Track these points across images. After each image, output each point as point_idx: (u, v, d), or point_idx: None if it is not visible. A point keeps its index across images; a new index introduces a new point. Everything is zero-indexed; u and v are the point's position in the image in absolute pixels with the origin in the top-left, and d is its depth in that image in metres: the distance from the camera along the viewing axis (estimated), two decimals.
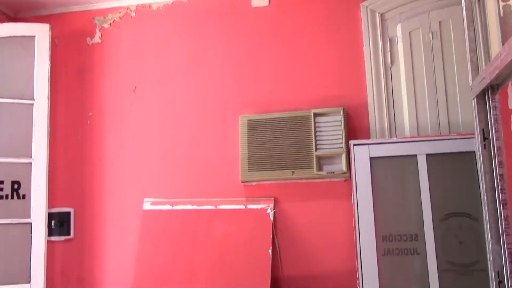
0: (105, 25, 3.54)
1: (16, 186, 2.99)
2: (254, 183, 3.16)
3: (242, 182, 3.14)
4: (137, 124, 3.40)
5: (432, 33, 3.09)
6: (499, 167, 2.25)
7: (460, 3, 2.48)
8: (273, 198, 3.13)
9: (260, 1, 3.34)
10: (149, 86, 3.43)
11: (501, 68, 1.97)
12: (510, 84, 2.29)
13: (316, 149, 3.04)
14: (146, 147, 3.36)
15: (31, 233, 2.96)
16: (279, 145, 3.09)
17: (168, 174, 3.30)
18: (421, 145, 2.91)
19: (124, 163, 3.37)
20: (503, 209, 2.25)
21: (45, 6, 3.54)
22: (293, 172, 3.05)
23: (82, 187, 3.38)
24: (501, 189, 2.25)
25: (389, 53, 3.15)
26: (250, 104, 3.27)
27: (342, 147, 3.02)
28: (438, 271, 2.77)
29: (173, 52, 3.43)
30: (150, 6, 3.51)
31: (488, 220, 2.37)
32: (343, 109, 3.06)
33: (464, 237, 2.79)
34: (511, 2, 2.09)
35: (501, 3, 2.11)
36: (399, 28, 3.16)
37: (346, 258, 2.98)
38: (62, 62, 3.51)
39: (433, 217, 2.84)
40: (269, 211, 3.08)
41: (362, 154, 2.98)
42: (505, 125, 2.21)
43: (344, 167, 3.01)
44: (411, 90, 3.07)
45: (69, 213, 3.32)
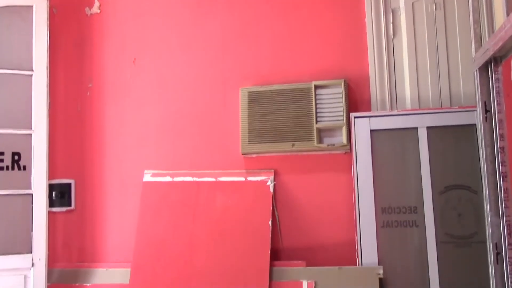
0: None
1: (16, 157, 2.99)
2: (254, 155, 3.16)
3: (242, 154, 3.14)
4: (137, 95, 3.38)
5: (435, 4, 3.05)
6: (500, 140, 2.25)
7: None
8: (273, 170, 3.14)
9: None
10: (149, 57, 3.40)
11: (505, 40, 1.95)
12: None
13: (317, 121, 3.04)
14: (146, 118, 3.35)
15: (32, 204, 2.97)
16: (280, 117, 3.08)
17: (168, 146, 3.30)
18: (422, 118, 2.91)
19: (124, 135, 3.36)
20: (503, 181, 2.26)
21: None
22: (293, 145, 3.05)
23: (83, 159, 3.38)
24: (501, 162, 2.26)
25: (391, 24, 3.11)
26: (251, 76, 3.24)
27: (343, 119, 3.01)
28: (436, 243, 2.80)
29: (173, 23, 3.39)
30: None
31: (487, 193, 2.38)
32: (344, 81, 3.04)
33: (463, 209, 2.81)
34: None
35: None
36: None
37: (346, 230, 3.00)
38: (60, 33, 3.46)
39: (432, 189, 2.85)
40: (269, 183, 3.09)
41: (362, 127, 2.97)
42: (507, 97, 2.20)
43: (344, 139, 3.00)
44: (413, 62, 3.04)
45: (69, 184, 3.33)
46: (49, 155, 3.05)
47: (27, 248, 2.94)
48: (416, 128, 2.91)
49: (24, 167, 2.99)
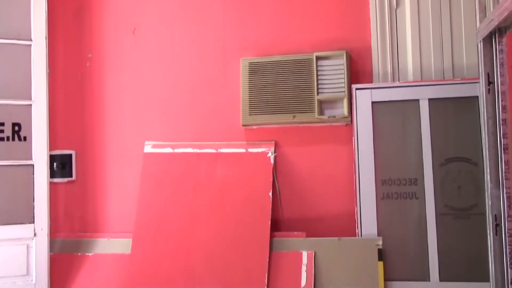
0: None
1: (16, 128, 2.98)
2: (255, 126, 3.15)
3: (243, 125, 3.13)
4: (137, 66, 3.36)
5: None
6: (502, 112, 2.24)
7: None
8: (273, 142, 3.13)
9: None
10: (148, 27, 3.36)
11: (510, 10, 1.92)
12: None
13: (318, 93, 3.02)
14: (147, 89, 3.33)
15: (33, 174, 2.98)
16: (281, 88, 3.06)
17: (169, 117, 3.29)
18: (423, 90, 2.89)
19: (125, 106, 3.35)
20: (504, 154, 2.26)
21: None
22: (294, 116, 3.04)
23: (83, 130, 3.37)
24: (503, 134, 2.25)
25: None
26: (252, 47, 3.21)
27: (344, 91, 2.99)
28: (436, 214, 2.82)
29: None
30: None
31: (488, 165, 2.39)
32: (346, 52, 3.01)
33: (463, 181, 2.82)
34: None
35: None
36: None
37: (346, 202, 3.02)
38: (59, 2, 3.41)
39: (433, 161, 2.85)
40: (269, 154, 3.10)
41: (364, 99, 2.96)
42: (510, 69, 2.18)
43: (345, 111, 2.99)
44: (416, 33, 3.01)
45: (70, 155, 3.33)
46: (49, 126, 3.04)
47: (29, 218, 2.96)
48: (418, 100, 2.90)
49: (25, 138, 2.98)
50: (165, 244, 2.98)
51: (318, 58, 3.04)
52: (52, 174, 3.23)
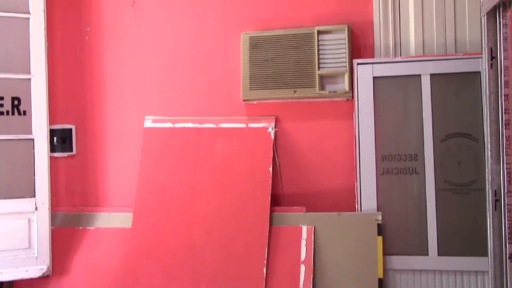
0: None
1: (16, 102, 2.97)
2: (256, 101, 3.14)
3: (243, 100, 3.12)
4: (137, 40, 3.32)
5: None
6: (505, 87, 2.23)
7: None
8: (274, 117, 3.12)
9: None
10: (148, 0, 3.32)
11: None
12: None
13: (319, 67, 3.00)
14: (146, 63, 3.31)
15: (33, 149, 2.98)
16: (281, 63, 3.04)
17: (168, 91, 3.28)
18: (425, 65, 2.87)
19: (125, 80, 3.33)
20: (505, 129, 2.25)
21: None
22: (295, 91, 3.02)
23: (83, 104, 3.36)
24: (505, 110, 2.25)
25: None
26: (252, 21, 3.18)
27: (346, 66, 2.97)
28: (435, 190, 2.83)
29: None
30: None
31: (489, 140, 2.38)
32: (348, 26, 2.98)
33: (463, 157, 2.82)
34: None
35: None
36: None
37: (346, 177, 3.03)
38: None
39: (433, 137, 2.85)
40: (270, 130, 3.09)
41: (365, 74, 2.94)
42: None
43: (346, 86, 2.97)
44: (419, 7, 2.97)
45: (70, 129, 3.32)
46: (49, 100, 3.02)
47: (30, 193, 2.97)
48: (420, 76, 2.88)
49: (24, 112, 2.97)
50: (165, 219, 3.00)
51: (320, 33, 3.01)
52: (52, 148, 3.22)
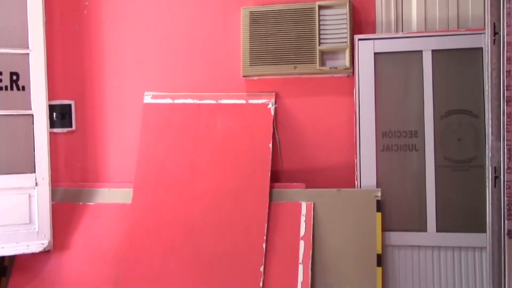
0: None
1: (14, 77, 2.95)
2: (256, 77, 3.12)
3: (243, 76, 3.10)
4: (136, 15, 3.29)
5: None
6: (507, 63, 2.22)
7: None
8: (274, 93, 3.11)
9: None
10: None
11: None
12: None
13: (320, 43, 2.97)
14: (145, 39, 3.28)
15: (33, 124, 2.97)
16: (282, 38, 3.01)
17: (168, 67, 3.25)
18: (427, 41, 2.85)
19: (124, 55, 3.30)
20: (506, 106, 2.25)
21: None
22: (295, 67, 3.00)
23: (82, 80, 3.34)
24: (506, 86, 2.24)
25: None
26: None
27: (347, 41, 2.94)
28: (435, 166, 2.83)
29: None
30: None
31: (490, 117, 2.38)
32: (349, 1, 2.94)
33: (463, 134, 2.82)
34: None
35: None
36: None
37: (346, 153, 3.03)
38: None
39: (434, 114, 2.84)
40: (270, 106, 3.08)
41: (366, 49, 2.92)
42: None
43: (347, 62, 2.95)
44: None
45: (70, 105, 3.31)
46: (48, 75, 3.01)
47: (30, 168, 2.97)
48: (421, 51, 2.86)
49: (23, 88, 2.96)
50: (165, 195, 3.01)
51: (321, 7, 2.97)
52: (52, 124, 3.21)
